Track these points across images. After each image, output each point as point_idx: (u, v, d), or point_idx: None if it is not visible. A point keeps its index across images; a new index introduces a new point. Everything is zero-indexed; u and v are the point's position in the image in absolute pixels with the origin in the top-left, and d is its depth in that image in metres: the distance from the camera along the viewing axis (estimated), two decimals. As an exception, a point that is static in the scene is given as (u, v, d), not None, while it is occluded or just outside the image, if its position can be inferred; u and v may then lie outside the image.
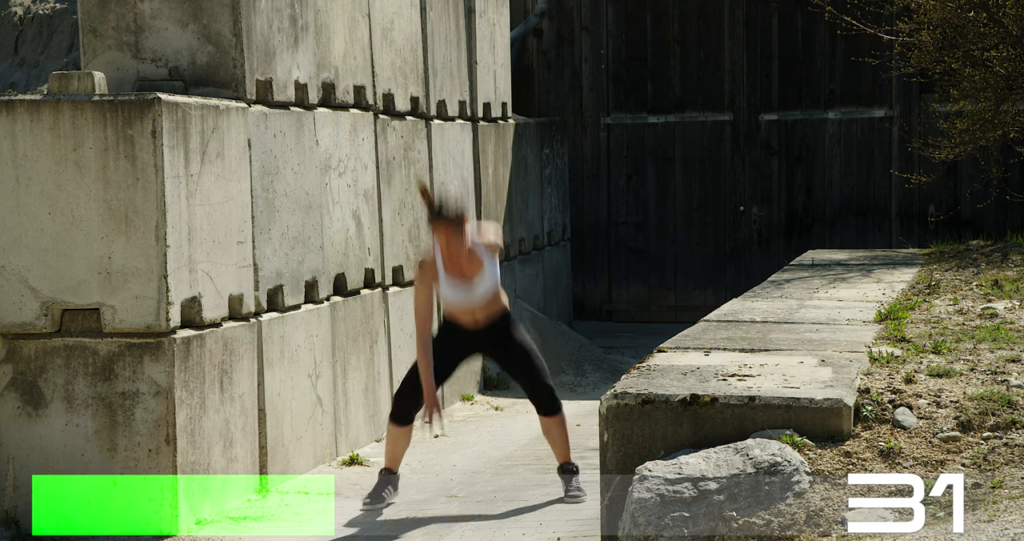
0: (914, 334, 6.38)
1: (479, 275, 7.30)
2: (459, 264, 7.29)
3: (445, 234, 7.19)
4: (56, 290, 6.80)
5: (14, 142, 6.79)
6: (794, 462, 4.71)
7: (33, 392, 6.84)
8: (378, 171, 9.32)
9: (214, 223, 7.21)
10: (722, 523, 4.60)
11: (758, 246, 14.04)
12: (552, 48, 14.35)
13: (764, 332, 6.50)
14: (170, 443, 6.78)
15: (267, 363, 7.69)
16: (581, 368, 11.55)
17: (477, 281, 7.31)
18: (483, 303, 7.37)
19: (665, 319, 13.80)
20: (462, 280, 7.30)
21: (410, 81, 9.86)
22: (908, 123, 13.36)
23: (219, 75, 7.57)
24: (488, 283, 7.33)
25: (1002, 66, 10.48)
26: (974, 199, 12.99)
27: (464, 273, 7.31)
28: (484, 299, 7.36)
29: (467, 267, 7.30)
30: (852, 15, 12.06)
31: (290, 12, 8.13)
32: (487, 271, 7.32)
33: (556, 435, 7.51)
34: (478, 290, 7.32)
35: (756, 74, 13.93)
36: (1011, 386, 5.30)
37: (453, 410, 10.03)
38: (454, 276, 7.30)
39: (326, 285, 8.50)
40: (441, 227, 7.20)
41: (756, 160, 13.98)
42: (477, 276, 7.30)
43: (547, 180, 13.02)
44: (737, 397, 4.96)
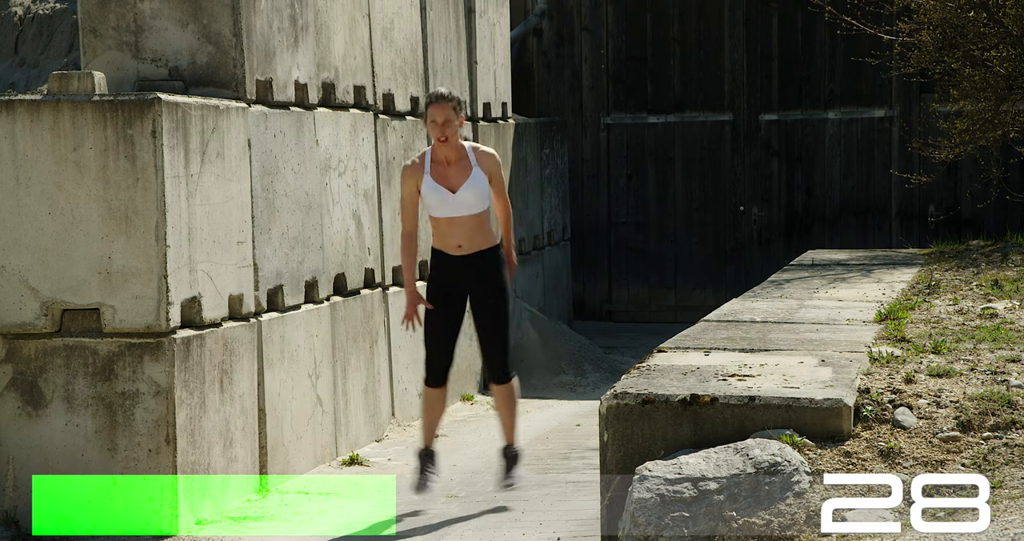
0: (914, 334, 6.38)
1: (465, 184, 7.22)
2: (446, 169, 7.22)
3: (443, 116, 7.14)
4: (56, 290, 6.80)
5: (14, 142, 6.79)
6: (794, 462, 4.71)
7: (33, 392, 6.84)
8: (378, 171, 9.32)
9: (214, 223, 7.21)
10: (722, 523, 4.60)
11: (758, 246, 14.04)
12: (552, 48, 14.35)
13: (764, 332, 6.50)
14: (170, 443, 6.78)
15: (267, 363, 7.69)
16: (581, 368, 11.55)
17: (462, 191, 7.22)
18: (467, 220, 7.26)
19: (665, 319, 13.80)
20: (447, 186, 7.22)
21: (410, 81, 9.86)
22: (908, 123, 13.36)
23: (219, 75, 7.57)
24: (473, 196, 7.23)
25: (1002, 66, 10.48)
26: (974, 199, 12.99)
27: (450, 179, 7.23)
28: (468, 214, 7.25)
29: (455, 173, 7.23)
30: (852, 15, 12.06)
31: (290, 12, 8.13)
32: (474, 182, 7.23)
33: (503, 406, 7.41)
34: (462, 200, 7.22)
35: (756, 74, 13.93)
36: (1011, 386, 5.30)
37: (453, 410, 10.03)
38: (439, 180, 7.23)
39: (326, 285, 8.50)
40: (439, 109, 7.16)
41: (756, 160, 13.98)
42: (462, 185, 7.22)
43: (547, 180, 13.02)
44: (737, 397, 4.96)
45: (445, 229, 7.29)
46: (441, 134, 7.19)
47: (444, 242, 7.33)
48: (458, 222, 7.26)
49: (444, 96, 7.22)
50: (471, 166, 7.25)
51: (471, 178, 7.23)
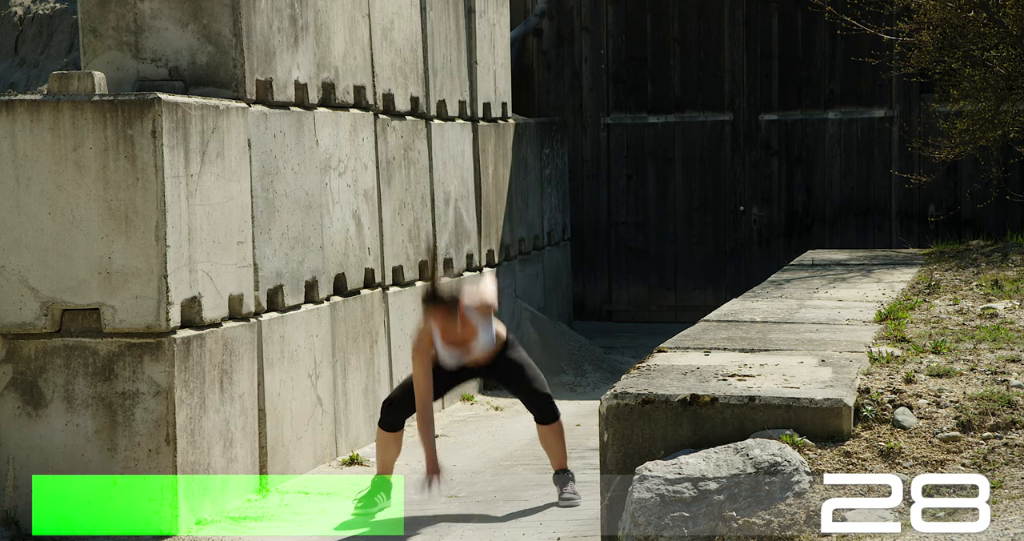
0: (914, 334, 6.38)
1: (475, 339, 7.23)
2: (454, 335, 7.19)
3: (441, 319, 7.09)
4: (56, 290, 6.80)
5: (14, 142, 6.79)
6: (794, 462, 4.71)
7: (33, 392, 6.84)
8: (378, 171, 9.32)
9: (214, 223, 7.21)
10: (722, 523, 4.60)
11: (758, 246, 14.04)
12: (552, 48, 14.35)
13: (764, 332, 6.50)
14: (170, 443, 6.78)
15: (267, 363, 7.69)
16: (581, 368, 11.55)
17: (474, 345, 7.24)
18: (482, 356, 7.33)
19: (665, 319, 13.80)
20: (460, 348, 7.24)
21: (410, 81, 9.86)
22: (908, 123, 13.36)
23: (219, 75, 7.57)
24: (484, 342, 7.26)
25: (1002, 66, 10.48)
26: (974, 199, 12.99)
27: (461, 341, 7.22)
28: (483, 354, 7.31)
29: (463, 334, 7.21)
30: (852, 15, 12.06)
31: (290, 12, 8.13)
32: (482, 334, 7.24)
33: (552, 442, 7.46)
34: (475, 351, 7.26)
35: (756, 74, 13.93)
36: (1011, 386, 5.30)
37: (453, 410, 10.03)
38: (451, 345, 7.22)
39: (326, 285, 8.50)
40: (437, 312, 7.08)
41: (756, 160, 13.98)
42: (473, 341, 7.24)
43: (547, 180, 13.02)
44: (737, 397, 4.96)
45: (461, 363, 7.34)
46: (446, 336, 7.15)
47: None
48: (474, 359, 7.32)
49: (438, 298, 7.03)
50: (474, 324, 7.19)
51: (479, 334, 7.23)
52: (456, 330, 7.17)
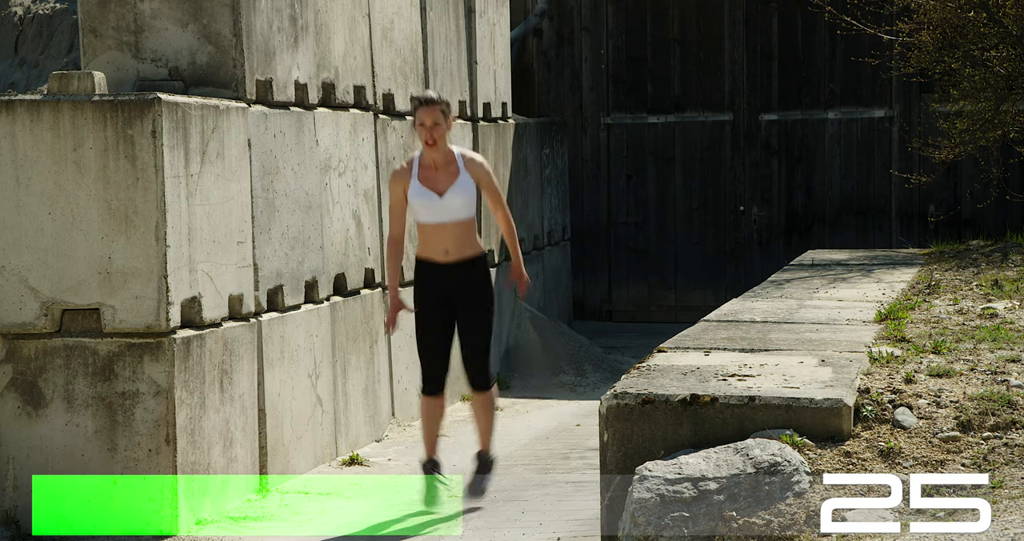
0: (914, 334, 6.38)
1: (452, 189, 7.19)
2: (433, 174, 7.20)
3: (431, 119, 7.12)
4: (56, 290, 6.80)
5: (14, 142, 6.79)
6: (794, 462, 4.71)
7: (33, 392, 6.84)
8: (378, 171, 9.32)
9: (214, 223, 7.21)
10: (722, 523, 4.60)
11: (758, 246, 14.04)
12: (552, 48, 14.35)
13: (764, 332, 6.50)
14: (170, 443, 6.78)
15: (267, 363, 7.69)
16: (581, 368, 11.55)
17: (449, 195, 7.19)
18: (453, 226, 7.22)
19: (665, 319, 13.80)
20: (434, 190, 7.19)
21: (410, 81, 9.86)
22: (908, 123, 13.36)
23: (219, 75, 7.57)
24: (460, 201, 7.20)
25: (1002, 66, 10.48)
26: (974, 199, 12.99)
27: (437, 184, 7.20)
28: (454, 220, 7.22)
29: (442, 178, 7.21)
30: (852, 15, 12.06)
31: (290, 12, 8.13)
32: (461, 187, 7.20)
33: (479, 414, 7.41)
34: (449, 205, 7.19)
35: (756, 74, 13.93)
36: (1011, 386, 5.30)
37: (453, 410, 10.03)
38: (426, 184, 7.20)
39: (326, 285, 8.50)
40: (427, 112, 7.14)
41: (756, 160, 13.98)
42: (449, 189, 7.19)
43: (547, 180, 13.02)
44: (737, 397, 4.96)
45: (431, 235, 7.26)
46: (429, 137, 7.18)
47: (430, 248, 7.29)
48: (445, 228, 7.23)
49: (432, 99, 7.21)
50: (459, 171, 7.23)
51: (458, 183, 7.21)
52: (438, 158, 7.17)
